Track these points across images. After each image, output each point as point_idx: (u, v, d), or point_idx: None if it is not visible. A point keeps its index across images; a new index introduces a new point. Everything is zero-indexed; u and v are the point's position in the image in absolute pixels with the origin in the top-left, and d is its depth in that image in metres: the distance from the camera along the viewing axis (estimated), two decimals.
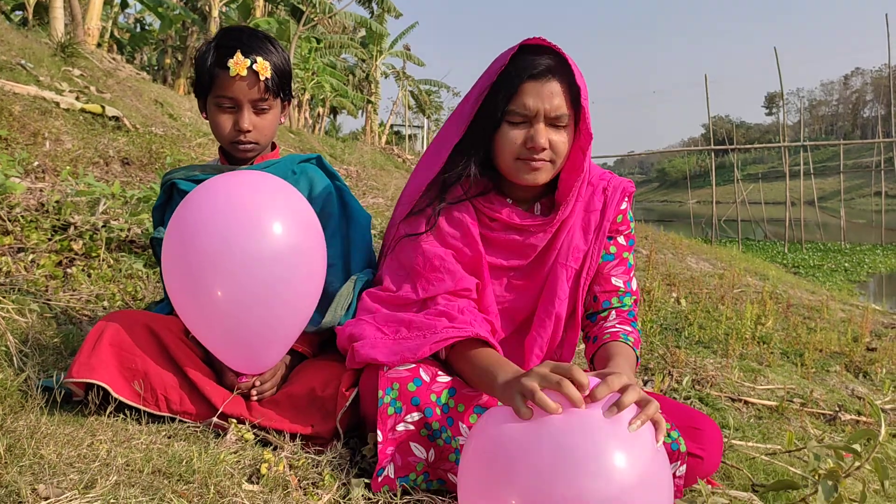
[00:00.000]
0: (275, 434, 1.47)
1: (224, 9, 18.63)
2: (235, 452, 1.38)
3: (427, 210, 1.62)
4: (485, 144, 1.56)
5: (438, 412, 1.35)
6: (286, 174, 1.79)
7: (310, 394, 1.51)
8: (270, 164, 1.79)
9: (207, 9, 18.01)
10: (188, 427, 1.48)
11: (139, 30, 23.28)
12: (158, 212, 1.87)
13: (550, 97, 1.47)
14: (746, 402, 2.58)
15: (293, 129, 13.03)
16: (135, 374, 1.46)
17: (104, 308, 2.37)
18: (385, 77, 30.64)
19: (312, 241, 1.52)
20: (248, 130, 1.69)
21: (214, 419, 1.47)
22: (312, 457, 1.42)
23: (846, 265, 13.50)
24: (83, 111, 4.72)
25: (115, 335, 1.46)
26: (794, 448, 1.88)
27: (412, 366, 1.37)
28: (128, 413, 1.47)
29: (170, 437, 1.42)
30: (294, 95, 1.92)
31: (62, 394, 1.51)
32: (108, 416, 1.45)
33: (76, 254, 2.67)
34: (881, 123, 27.83)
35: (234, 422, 1.47)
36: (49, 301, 2.28)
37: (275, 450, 1.42)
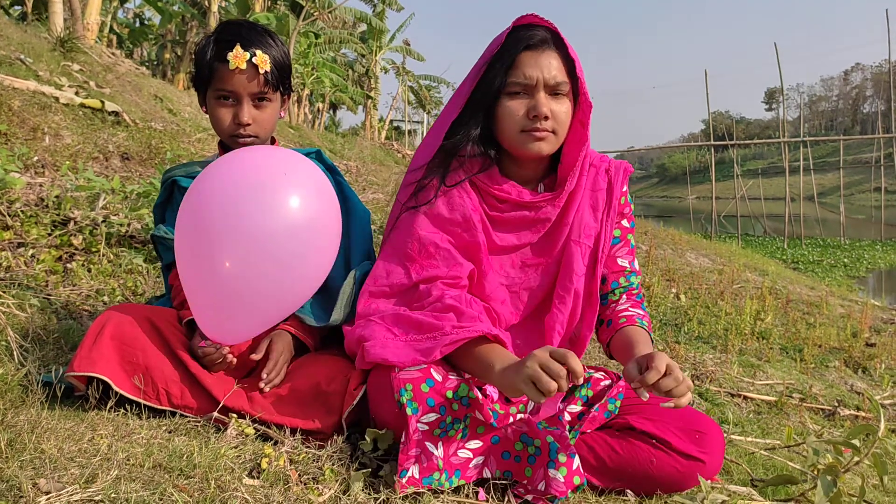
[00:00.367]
0: (275, 429, 1.47)
1: (223, 3, 18.58)
2: (236, 447, 1.38)
3: (428, 186, 1.62)
4: (485, 117, 1.57)
5: (455, 407, 1.36)
6: None
7: (314, 388, 1.51)
8: None
9: (207, 4, 17.96)
10: (189, 422, 1.48)
11: (138, 25, 23.22)
12: (159, 210, 1.87)
13: (549, 66, 1.51)
14: (746, 398, 2.58)
15: (293, 125, 13.02)
16: (136, 368, 1.46)
17: (104, 303, 2.38)
18: (385, 72, 30.64)
19: (327, 223, 1.52)
20: (248, 124, 1.68)
21: (215, 414, 1.47)
22: (313, 452, 1.42)
23: (845, 261, 13.49)
24: (83, 106, 4.71)
25: (117, 329, 1.46)
26: (794, 443, 1.89)
27: (423, 366, 1.37)
28: (128, 408, 1.47)
29: (170, 432, 1.43)
30: (294, 91, 1.91)
31: (62, 389, 1.52)
32: (109, 411, 1.45)
33: (76, 249, 2.67)
34: (881, 119, 27.72)
35: (235, 416, 1.47)
36: (49, 296, 2.28)
37: (275, 445, 1.43)
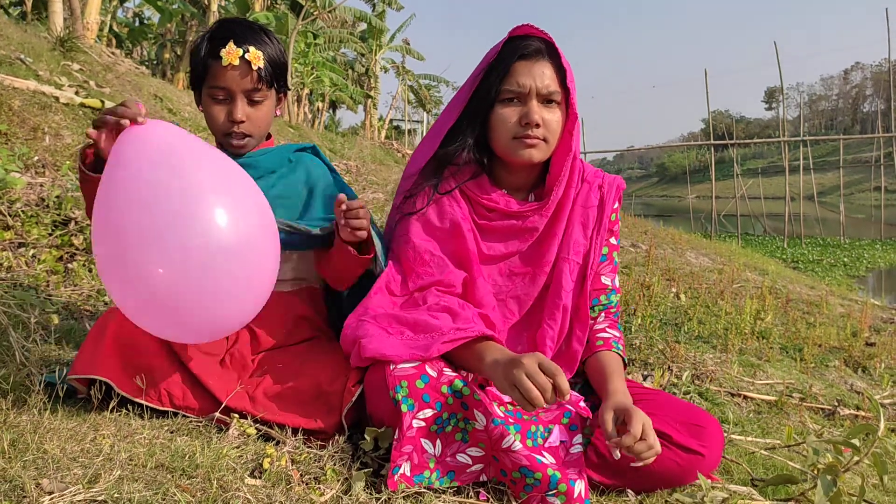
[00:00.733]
0: (277, 429, 1.48)
1: (223, 3, 18.57)
2: (238, 447, 1.39)
3: (420, 194, 1.67)
4: (480, 125, 1.63)
5: (450, 401, 1.36)
6: (282, 162, 1.79)
7: (316, 388, 1.51)
8: (266, 152, 1.77)
9: (207, 3, 17.94)
10: (191, 422, 1.49)
11: (138, 24, 23.19)
12: None
13: (542, 75, 1.57)
14: (746, 397, 2.59)
15: (293, 124, 13.01)
16: (138, 370, 1.46)
17: (105, 303, 2.38)
18: (385, 72, 30.62)
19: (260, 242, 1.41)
20: (242, 121, 1.66)
21: (217, 414, 1.47)
22: (315, 452, 1.42)
23: (845, 260, 13.50)
24: (83, 106, 4.71)
25: (119, 331, 1.46)
26: (794, 443, 1.89)
27: (418, 363, 1.38)
28: (130, 408, 1.48)
29: (172, 432, 1.43)
30: (293, 90, 1.89)
31: (64, 389, 1.52)
32: (111, 412, 1.46)
33: (77, 249, 2.68)
34: (881, 118, 27.73)
35: (237, 417, 1.47)
36: (50, 296, 2.28)
37: (277, 445, 1.43)
